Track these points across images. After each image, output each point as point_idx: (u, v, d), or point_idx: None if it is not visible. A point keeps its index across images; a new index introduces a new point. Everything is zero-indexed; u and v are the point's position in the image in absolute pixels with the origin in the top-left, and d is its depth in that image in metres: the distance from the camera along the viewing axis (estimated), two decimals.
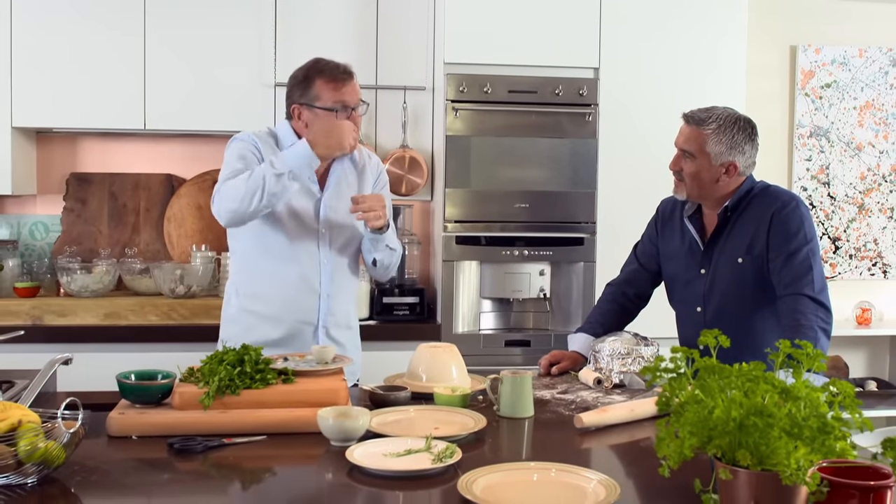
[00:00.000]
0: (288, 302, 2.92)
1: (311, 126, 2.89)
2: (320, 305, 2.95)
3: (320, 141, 2.76)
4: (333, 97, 2.86)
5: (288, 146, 2.87)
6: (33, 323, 3.88)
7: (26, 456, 1.78)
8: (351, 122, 2.83)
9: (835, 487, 1.58)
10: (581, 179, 4.15)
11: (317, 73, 2.90)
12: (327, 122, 2.82)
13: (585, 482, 1.80)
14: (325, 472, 2.00)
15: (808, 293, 2.66)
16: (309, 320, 2.95)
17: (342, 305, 3.03)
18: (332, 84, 2.87)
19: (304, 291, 2.93)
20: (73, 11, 4.10)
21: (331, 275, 2.96)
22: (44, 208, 4.47)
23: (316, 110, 2.87)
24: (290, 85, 2.96)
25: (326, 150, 2.77)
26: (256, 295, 2.94)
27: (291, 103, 2.94)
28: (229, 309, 3.02)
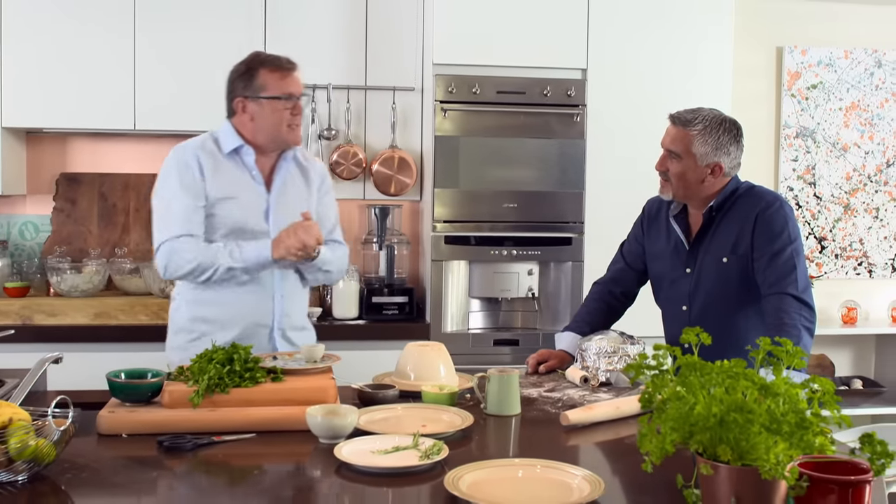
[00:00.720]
0: (242, 305, 2.87)
1: (256, 119, 2.86)
2: (275, 307, 2.92)
3: (283, 240, 2.75)
4: (280, 86, 2.84)
5: (230, 148, 2.87)
6: (23, 323, 3.89)
7: (17, 453, 1.79)
8: (314, 228, 2.79)
9: (814, 482, 1.60)
10: (569, 179, 4.18)
11: (260, 63, 2.87)
12: (291, 226, 2.77)
13: (570, 478, 1.83)
14: (314, 469, 2.02)
15: (791, 292, 2.69)
16: (264, 322, 2.92)
17: (296, 306, 3.00)
18: (277, 73, 2.85)
19: (257, 294, 2.88)
20: (63, 12, 4.10)
21: (283, 274, 2.93)
22: (34, 208, 4.48)
23: (262, 101, 2.84)
24: (232, 78, 2.91)
25: (288, 249, 2.74)
26: (208, 301, 2.87)
27: (234, 97, 2.89)
28: (179, 317, 2.94)
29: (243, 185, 2.88)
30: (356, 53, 4.29)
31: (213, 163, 2.86)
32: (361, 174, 4.30)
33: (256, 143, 2.90)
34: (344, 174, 4.25)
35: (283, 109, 2.85)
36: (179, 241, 2.78)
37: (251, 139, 2.90)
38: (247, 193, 2.88)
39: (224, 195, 2.84)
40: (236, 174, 2.88)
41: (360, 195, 4.37)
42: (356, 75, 4.30)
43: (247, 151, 2.89)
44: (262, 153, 2.92)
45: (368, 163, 4.31)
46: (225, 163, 2.88)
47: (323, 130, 4.29)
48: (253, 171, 2.90)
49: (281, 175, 2.95)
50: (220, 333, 2.84)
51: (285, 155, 2.97)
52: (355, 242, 4.61)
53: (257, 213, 2.88)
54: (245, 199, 2.87)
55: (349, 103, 4.30)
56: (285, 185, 2.95)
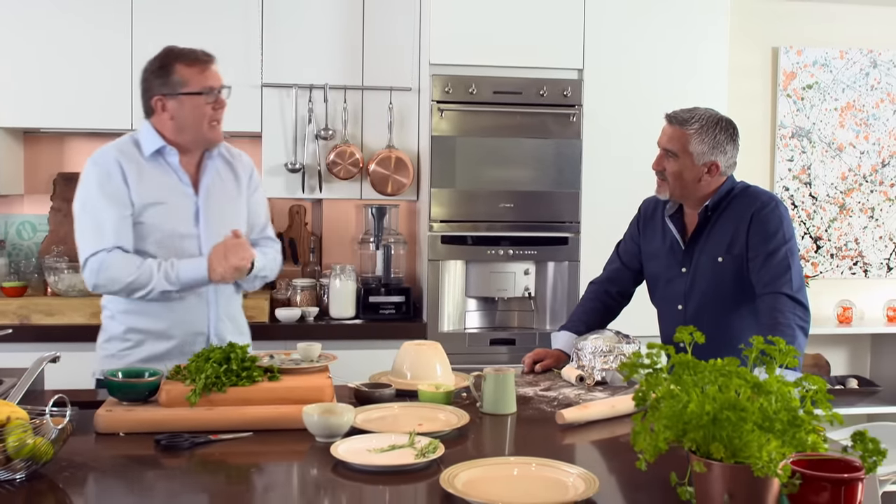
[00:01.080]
0: (176, 315, 2.78)
1: (176, 117, 2.74)
2: (210, 314, 2.83)
3: (217, 264, 2.64)
4: (199, 81, 2.72)
5: (152, 150, 2.76)
6: (21, 322, 3.90)
7: (15, 452, 1.80)
8: (243, 246, 2.68)
9: (807, 480, 1.62)
10: (565, 179, 4.19)
11: (175, 59, 2.74)
12: (223, 247, 2.65)
13: (565, 476, 1.84)
14: (311, 467, 2.02)
15: (786, 292, 2.70)
16: (200, 331, 2.82)
17: (232, 311, 2.92)
18: (195, 67, 2.73)
19: (191, 303, 2.79)
20: (60, 11, 4.11)
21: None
22: (31, 208, 4.48)
23: (181, 98, 2.72)
24: (147, 76, 2.78)
25: (223, 274, 2.64)
26: (142, 312, 2.77)
27: (151, 96, 2.76)
28: (113, 326, 2.83)
29: (170, 189, 2.77)
30: (353, 54, 4.30)
31: (136, 167, 2.74)
32: (358, 174, 4.31)
33: (179, 143, 2.78)
34: (341, 174, 4.26)
35: (205, 105, 2.74)
36: (110, 255, 2.67)
37: (173, 139, 2.77)
38: (174, 197, 2.77)
39: (151, 201, 2.73)
40: (161, 178, 2.77)
41: (356, 195, 4.38)
42: (353, 75, 4.31)
43: (170, 152, 2.77)
44: (185, 153, 2.81)
45: (365, 163, 4.32)
46: (148, 166, 2.76)
47: (320, 130, 4.30)
48: (179, 172, 2.79)
49: (208, 175, 2.84)
50: (155, 343, 2.78)
51: (210, 153, 2.85)
52: (352, 242, 4.63)
53: (187, 217, 2.79)
54: (173, 203, 2.76)
55: (346, 103, 4.31)
56: (214, 185, 2.85)
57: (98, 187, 2.72)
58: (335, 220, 4.66)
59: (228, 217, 2.85)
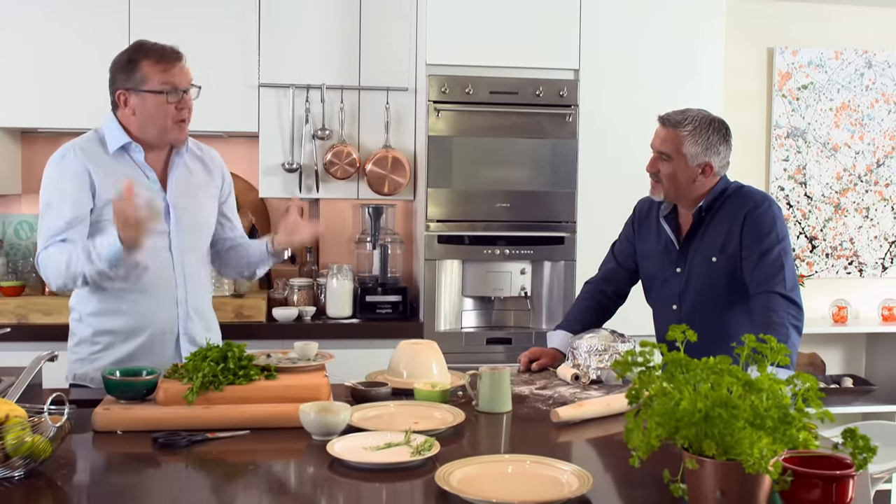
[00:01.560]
0: (144, 315, 2.73)
1: (138, 113, 2.68)
2: (178, 313, 2.78)
3: (122, 235, 2.47)
4: (161, 78, 2.66)
5: (117, 147, 2.69)
6: (18, 321, 3.91)
7: (13, 449, 1.81)
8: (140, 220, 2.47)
9: (799, 477, 1.64)
10: (561, 179, 4.21)
11: (142, 54, 2.69)
12: (122, 215, 2.45)
13: (559, 473, 1.85)
14: (307, 465, 2.04)
15: (779, 291, 2.72)
16: (169, 330, 2.77)
17: (201, 307, 2.87)
18: (159, 65, 2.67)
19: (159, 301, 2.75)
20: (57, 11, 4.12)
21: (185, 277, 2.79)
22: (28, 208, 4.49)
23: (143, 94, 2.66)
24: (113, 70, 2.74)
25: (129, 242, 2.48)
26: (109, 312, 2.72)
27: (115, 90, 2.72)
28: (81, 329, 2.79)
29: (135, 185, 2.59)
30: (350, 54, 4.32)
31: (100, 165, 2.68)
32: (355, 174, 4.32)
33: (142, 139, 2.72)
34: (338, 174, 4.28)
35: (167, 104, 2.68)
36: (48, 251, 2.63)
37: (137, 134, 2.72)
38: (140, 194, 2.58)
39: (113, 196, 2.60)
40: (126, 173, 2.67)
41: (353, 195, 4.39)
42: (350, 75, 4.32)
43: (135, 149, 2.72)
44: (150, 149, 2.75)
45: (362, 162, 4.33)
46: (112, 163, 2.70)
47: (317, 130, 4.31)
48: (145, 169, 2.74)
49: (177, 171, 2.79)
50: (124, 344, 2.74)
51: (178, 149, 2.80)
52: (349, 242, 4.64)
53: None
54: (138, 200, 2.59)
55: (343, 103, 4.32)
56: (183, 182, 2.80)
57: (57, 186, 2.67)
58: (332, 219, 4.67)
59: (198, 213, 2.84)
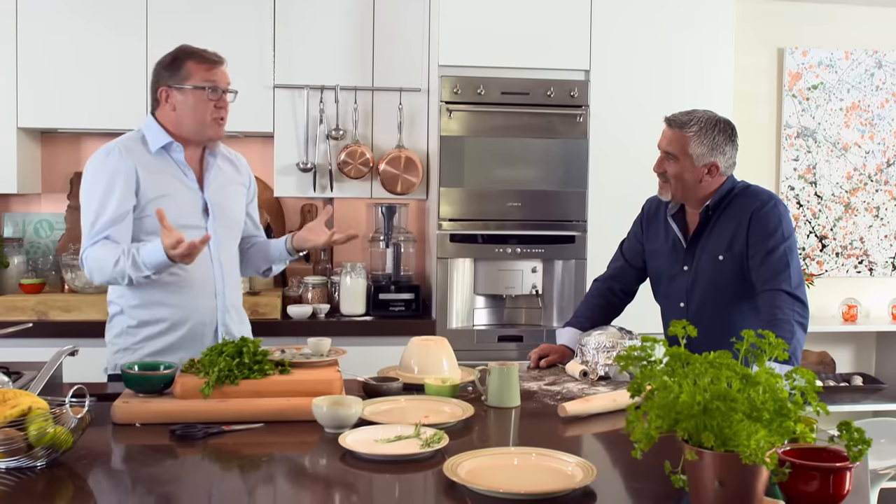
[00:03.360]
0: (184, 307, 2.85)
1: (178, 109, 2.83)
2: (217, 305, 2.91)
3: (177, 259, 2.58)
4: (204, 76, 2.82)
5: (158, 146, 2.83)
6: (38, 318, 3.97)
7: (36, 440, 1.87)
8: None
9: (797, 469, 1.68)
10: (572, 179, 4.25)
11: (187, 55, 2.85)
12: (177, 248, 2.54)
13: (564, 465, 1.90)
14: (320, 457, 2.08)
15: (784, 288, 2.75)
16: (208, 321, 2.90)
17: (235, 301, 3.01)
18: (203, 65, 2.83)
19: (200, 291, 2.87)
20: (77, 15, 4.20)
21: (222, 270, 2.92)
22: (48, 206, 4.57)
23: (185, 91, 2.81)
24: (158, 69, 2.87)
25: (182, 262, 2.60)
26: (150, 303, 2.84)
27: (158, 87, 2.85)
28: (121, 321, 2.89)
29: (175, 183, 2.84)
30: (363, 55, 4.37)
31: (143, 163, 2.81)
32: (369, 173, 4.38)
33: (180, 136, 2.85)
34: (351, 173, 4.33)
35: (208, 101, 2.82)
36: (94, 247, 2.74)
37: (175, 132, 2.85)
38: (180, 191, 2.84)
39: (157, 194, 2.78)
40: (167, 172, 2.84)
41: (367, 194, 4.44)
42: (363, 76, 4.38)
43: (175, 148, 2.85)
44: (188, 148, 2.88)
45: (375, 162, 4.39)
46: (154, 161, 2.83)
47: (331, 130, 4.37)
48: (184, 167, 2.87)
49: (212, 172, 2.93)
50: (164, 336, 2.85)
51: (211, 150, 2.94)
52: (363, 240, 4.69)
53: (194, 210, 2.86)
54: (179, 196, 2.83)
55: (356, 104, 4.38)
56: (217, 181, 2.94)
57: (99, 184, 2.79)
58: (346, 218, 4.72)
59: (231, 210, 2.98)
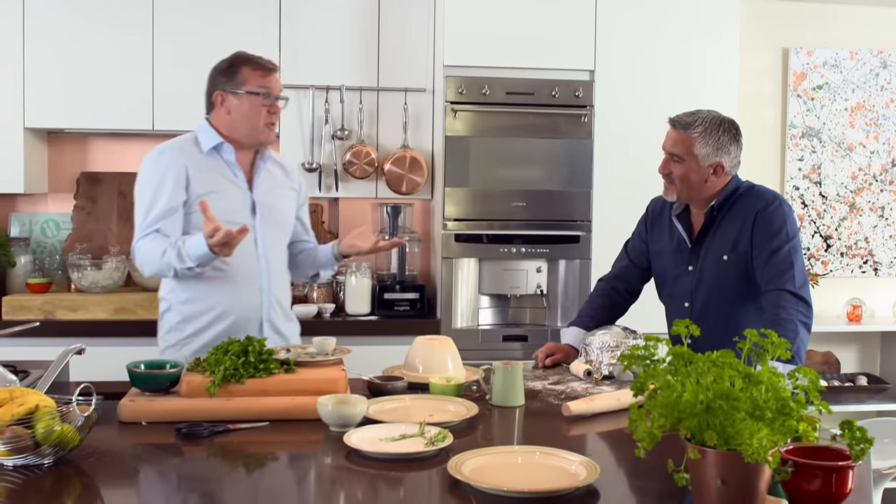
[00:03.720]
0: (232, 302, 2.94)
1: (233, 113, 2.92)
2: (263, 300, 2.99)
3: (216, 250, 2.65)
4: (259, 82, 2.92)
5: (210, 146, 2.93)
6: (45, 317, 3.99)
7: (43, 438, 1.89)
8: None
9: (800, 468, 1.69)
10: (577, 179, 4.26)
11: (243, 61, 2.95)
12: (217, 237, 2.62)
13: (567, 464, 1.91)
14: (325, 455, 2.10)
15: (789, 288, 2.75)
16: (254, 316, 2.98)
17: (282, 299, 3.08)
18: (258, 71, 2.93)
19: (245, 286, 2.95)
20: (84, 16, 4.21)
21: (268, 267, 3.00)
22: (55, 206, 4.59)
23: (241, 95, 2.91)
24: (214, 74, 2.98)
25: (221, 253, 2.67)
26: (197, 298, 2.93)
27: (214, 91, 2.96)
28: (171, 317, 2.99)
29: (225, 182, 2.94)
30: (369, 55, 4.38)
31: (193, 162, 2.91)
32: (374, 173, 4.39)
33: (233, 139, 2.95)
34: (357, 173, 4.34)
35: (261, 106, 2.92)
36: (144, 240, 2.86)
37: (228, 135, 2.95)
38: (229, 189, 2.94)
39: (205, 191, 2.87)
40: (217, 172, 2.94)
41: (372, 194, 4.46)
42: (369, 77, 4.39)
43: (227, 149, 2.95)
44: (239, 150, 2.98)
45: (381, 162, 4.40)
46: (205, 161, 2.93)
47: (336, 131, 4.38)
48: (234, 168, 2.96)
49: (261, 174, 3.02)
50: (210, 329, 2.93)
51: (262, 154, 3.03)
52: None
53: (242, 208, 2.94)
54: (228, 194, 2.92)
55: (362, 104, 4.39)
56: (267, 184, 3.03)
57: (154, 180, 2.91)
58: (351, 218, 4.73)
59: (279, 211, 3.07)
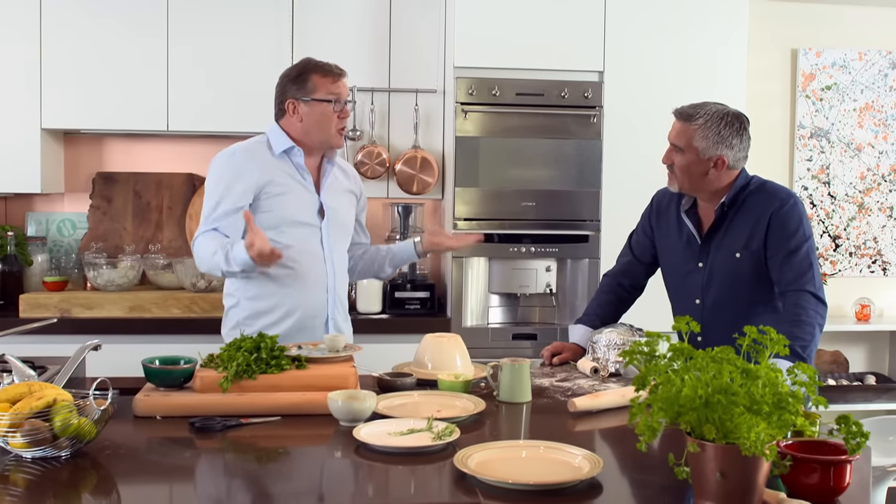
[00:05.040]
0: (298, 299, 3.03)
1: (305, 120, 3.01)
2: (328, 299, 3.09)
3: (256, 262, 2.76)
4: (329, 89, 3.00)
5: (281, 149, 3.02)
6: (61, 315, 4.04)
7: (60, 430, 1.94)
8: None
9: (798, 462, 1.73)
10: (586, 179, 4.29)
11: (311, 69, 3.03)
12: (256, 249, 2.72)
13: (571, 458, 1.95)
14: (335, 449, 2.15)
15: (810, 289, 2.76)
16: (319, 313, 3.08)
17: (343, 298, 3.20)
18: (327, 78, 3.02)
19: (313, 285, 3.05)
20: (99, 17, 4.26)
21: (333, 267, 3.10)
22: (71, 206, 4.65)
23: (312, 103, 3.00)
24: (284, 82, 3.07)
25: (261, 266, 2.79)
26: (265, 295, 3.03)
27: (285, 99, 3.05)
28: (237, 313, 3.08)
29: (295, 184, 3.03)
30: (380, 57, 4.43)
31: (264, 164, 3.00)
32: (385, 173, 4.43)
33: (305, 144, 3.05)
34: (368, 173, 4.39)
35: (332, 112, 3.01)
36: (203, 237, 2.94)
37: (299, 140, 3.05)
38: (297, 190, 3.04)
39: (275, 192, 2.99)
40: (287, 174, 3.03)
41: (383, 194, 4.50)
42: (380, 78, 4.43)
43: (297, 153, 3.04)
44: (309, 154, 3.08)
45: (392, 162, 4.44)
46: (275, 163, 3.03)
47: (348, 131, 4.42)
48: (302, 171, 3.06)
49: (328, 178, 3.11)
50: (277, 326, 3.00)
51: (329, 159, 3.13)
52: (379, 239, 4.74)
53: (309, 209, 3.05)
54: (295, 194, 3.03)
55: (373, 105, 4.44)
56: (333, 188, 3.13)
57: (220, 180, 2.99)
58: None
59: (343, 214, 3.17)
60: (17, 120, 4.23)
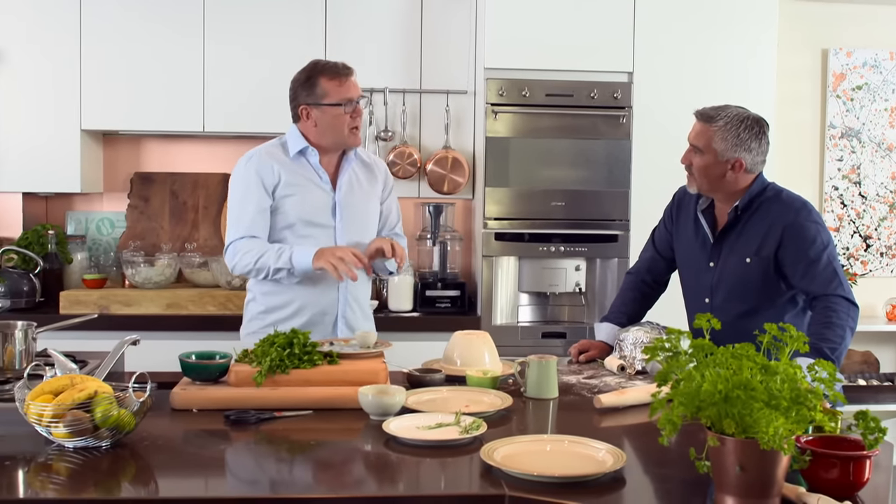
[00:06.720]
0: (308, 296, 3.10)
1: (319, 124, 3.07)
2: (339, 297, 3.14)
3: (322, 257, 2.91)
4: (339, 93, 3.06)
5: (296, 150, 3.09)
6: (100, 312, 4.11)
7: (101, 421, 2.00)
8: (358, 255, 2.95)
9: (818, 457, 1.76)
10: (615, 179, 4.32)
11: (319, 72, 3.09)
12: (329, 251, 2.93)
13: (595, 452, 1.99)
14: (365, 442, 2.20)
15: (841, 294, 2.75)
16: (329, 311, 3.14)
17: (359, 295, 3.22)
18: (335, 81, 3.07)
19: (323, 285, 3.10)
20: (137, 21, 4.36)
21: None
22: (110, 205, 4.74)
23: (323, 107, 3.06)
24: (294, 88, 3.13)
25: (324, 265, 2.91)
26: (278, 291, 3.10)
27: (298, 105, 3.11)
28: (253, 308, 3.19)
29: (309, 184, 3.10)
30: (411, 59, 4.48)
31: (280, 165, 3.08)
32: (416, 173, 4.49)
33: (320, 145, 3.12)
34: (400, 174, 4.44)
35: (344, 114, 3.06)
36: (242, 242, 3.04)
37: (315, 142, 3.12)
38: (312, 190, 3.10)
39: (289, 192, 3.07)
40: (302, 174, 3.10)
41: (415, 193, 4.56)
42: (411, 79, 4.49)
43: (311, 153, 3.11)
44: (325, 153, 3.14)
45: (423, 163, 4.50)
46: (291, 164, 3.10)
47: (380, 132, 4.49)
48: (318, 170, 3.12)
49: (345, 175, 3.16)
50: (288, 322, 3.06)
51: (347, 155, 3.18)
52: (410, 238, 4.78)
53: (323, 209, 3.11)
54: (310, 195, 3.09)
55: (405, 106, 4.49)
56: (351, 184, 3.17)
57: (243, 184, 3.08)
58: None
59: (363, 213, 3.20)
60: (57, 121, 4.34)
